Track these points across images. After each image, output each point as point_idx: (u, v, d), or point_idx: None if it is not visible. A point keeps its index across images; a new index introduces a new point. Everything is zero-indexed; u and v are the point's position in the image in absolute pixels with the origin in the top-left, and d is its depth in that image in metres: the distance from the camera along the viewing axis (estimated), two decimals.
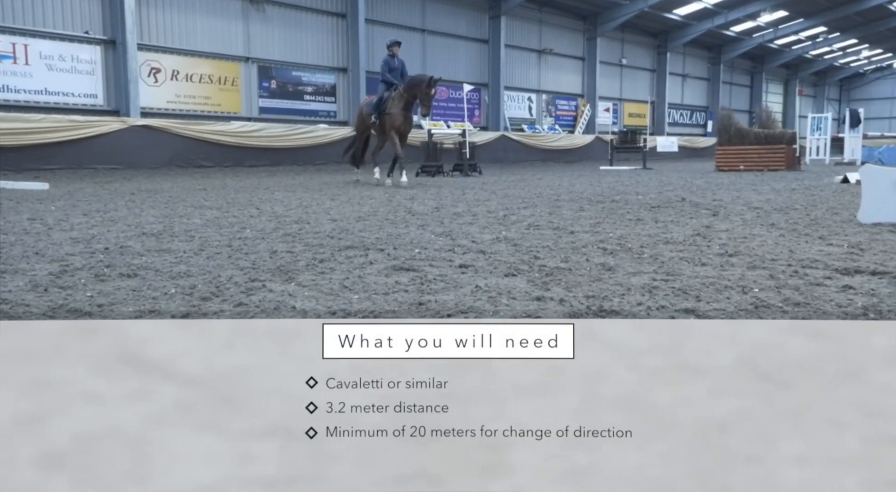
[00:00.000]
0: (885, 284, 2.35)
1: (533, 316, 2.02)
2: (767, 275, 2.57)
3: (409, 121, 9.06)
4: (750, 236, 3.68)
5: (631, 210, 5.34)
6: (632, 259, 3.00)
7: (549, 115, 25.15)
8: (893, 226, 3.94)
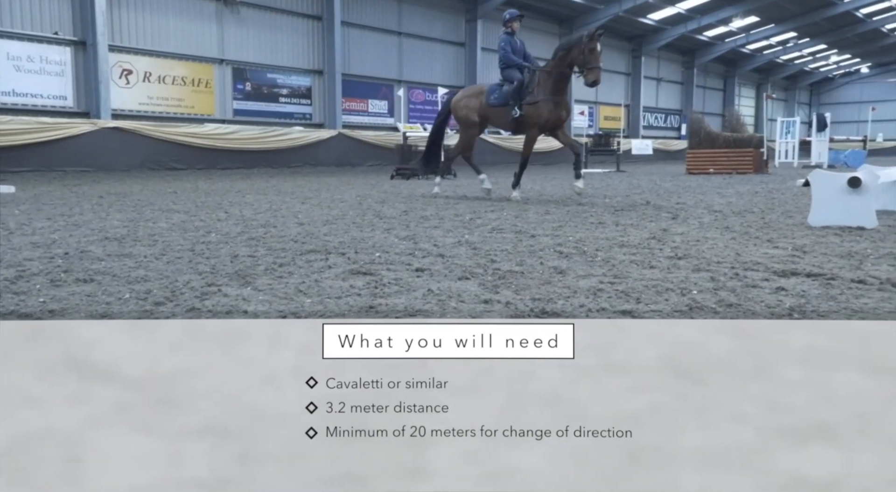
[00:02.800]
0: (816, 286, 2.46)
1: (477, 317, 2.10)
2: (709, 277, 2.68)
3: (566, 108, 6.99)
4: (702, 239, 3.80)
5: (595, 213, 5.46)
6: (585, 262, 3.09)
7: None
8: (840, 229, 4.09)
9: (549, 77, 6.76)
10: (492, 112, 7.22)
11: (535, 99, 6.76)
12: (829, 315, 2.05)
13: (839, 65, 40.78)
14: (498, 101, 7.09)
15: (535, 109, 6.77)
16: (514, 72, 6.99)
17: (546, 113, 6.76)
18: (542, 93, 6.74)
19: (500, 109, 7.08)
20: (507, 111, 6.98)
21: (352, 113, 19.73)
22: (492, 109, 7.18)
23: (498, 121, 7.37)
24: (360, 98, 20.03)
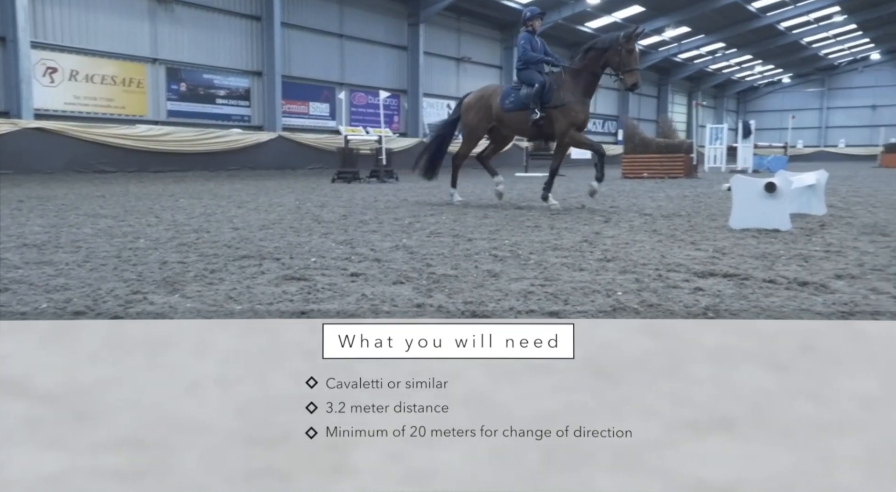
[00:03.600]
0: (731, 286, 2.61)
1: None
2: (634, 279, 2.79)
3: (588, 111, 6.49)
4: (631, 242, 3.95)
5: (532, 217, 5.57)
6: (518, 265, 3.16)
7: None
8: (758, 231, 4.33)
9: (577, 77, 6.25)
10: (506, 117, 6.56)
11: (563, 101, 6.21)
12: (740, 314, 2.18)
13: (763, 75, 43.00)
14: (514, 106, 6.47)
15: (565, 111, 6.22)
16: (534, 74, 6.41)
17: (580, 114, 6.26)
18: (570, 94, 6.22)
19: (515, 114, 6.46)
20: (524, 115, 6.35)
21: (292, 115, 19.44)
22: (506, 115, 6.54)
23: (513, 127, 6.68)
24: (300, 100, 19.76)
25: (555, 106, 6.22)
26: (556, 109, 6.22)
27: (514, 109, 6.45)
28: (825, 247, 3.61)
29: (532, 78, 6.39)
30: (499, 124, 6.71)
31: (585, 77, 6.23)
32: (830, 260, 3.18)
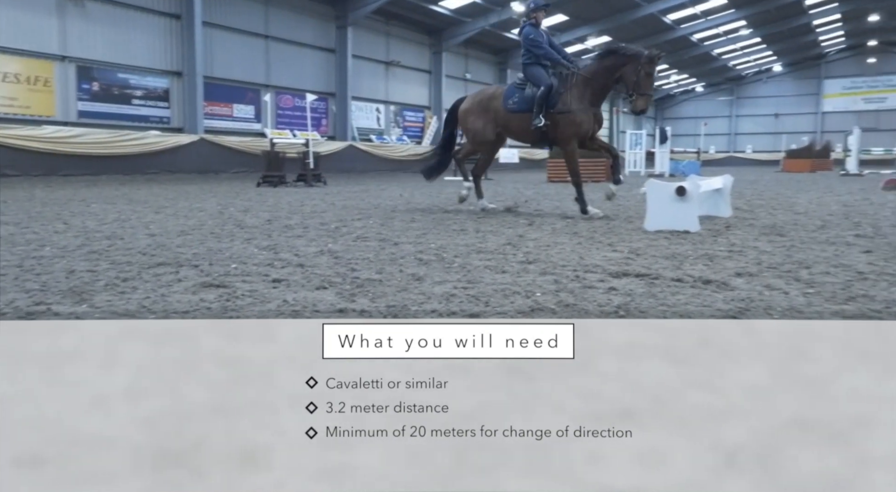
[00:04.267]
0: (642, 285, 2.74)
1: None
2: (553, 280, 2.89)
3: (600, 121, 6.02)
4: (553, 244, 4.08)
5: (459, 221, 5.65)
6: (442, 269, 3.20)
7: (398, 126, 25.61)
8: (670, 233, 4.57)
9: (587, 83, 5.80)
10: (510, 120, 6.06)
11: (569, 107, 5.77)
12: (649, 312, 2.30)
13: (679, 84, 45.23)
14: (518, 107, 5.96)
15: (570, 119, 5.77)
16: (542, 73, 5.92)
17: (585, 125, 5.80)
18: (578, 101, 5.78)
19: (520, 116, 5.98)
20: (529, 118, 5.88)
21: (215, 117, 18.83)
22: (510, 116, 6.04)
23: (516, 130, 6.16)
24: (224, 102, 19.17)
25: (560, 112, 5.79)
26: (561, 116, 5.80)
27: (519, 111, 5.98)
28: (729, 247, 3.85)
29: (539, 77, 5.91)
30: (500, 127, 6.22)
31: (596, 84, 5.81)
32: (732, 259, 3.40)
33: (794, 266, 3.16)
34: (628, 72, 5.67)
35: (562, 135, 5.88)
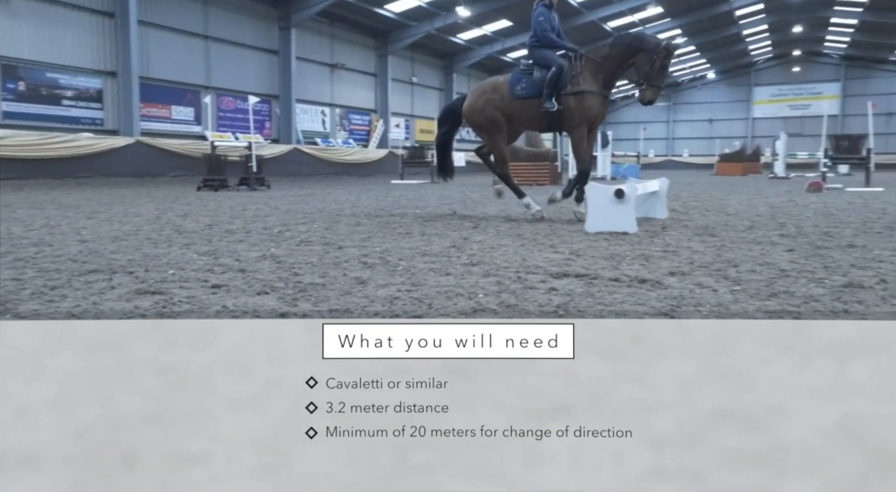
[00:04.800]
0: (581, 285, 2.82)
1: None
2: (496, 281, 2.93)
3: (607, 106, 5.89)
4: (497, 247, 4.14)
5: (404, 224, 5.66)
6: (387, 272, 3.21)
7: (343, 129, 25.40)
8: (610, 234, 4.71)
9: (598, 68, 5.60)
10: (517, 107, 5.80)
11: (581, 89, 5.53)
12: (586, 311, 2.37)
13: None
14: (526, 92, 5.71)
15: (582, 102, 5.54)
16: (551, 54, 5.70)
17: (596, 107, 5.60)
18: (589, 83, 5.56)
19: (528, 103, 5.73)
20: (537, 104, 5.64)
21: (152, 119, 18.22)
22: (517, 103, 5.78)
23: (524, 117, 5.89)
24: (162, 103, 18.58)
25: (572, 93, 5.56)
26: (573, 97, 5.57)
27: (527, 97, 5.70)
28: (664, 247, 4.00)
29: (548, 59, 5.67)
30: (507, 118, 5.94)
31: (607, 69, 5.61)
32: (667, 259, 3.53)
33: (724, 265, 3.31)
34: (642, 61, 5.48)
35: (572, 119, 5.62)
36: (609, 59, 5.62)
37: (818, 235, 4.64)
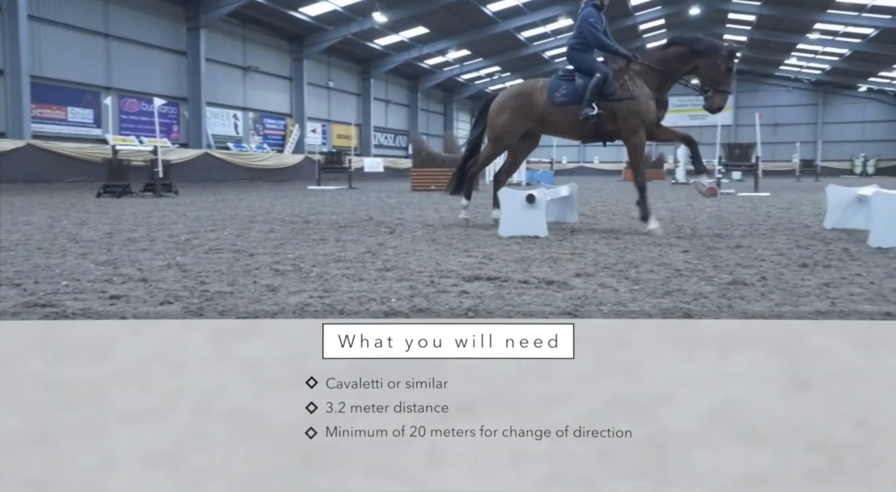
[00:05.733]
0: (491, 288, 2.90)
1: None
2: (409, 286, 2.96)
3: (665, 106, 5.43)
4: (412, 252, 4.17)
5: (319, 230, 5.58)
6: (299, 279, 3.16)
7: (257, 134, 24.70)
8: (522, 238, 4.85)
9: (651, 73, 5.28)
10: (555, 113, 5.45)
11: (633, 94, 5.22)
12: (496, 312, 2.44)
13: None
14: (567, 99, 5.37)
15: (633, 107, 5.21)
16: (595, 60, 5.45)
17: (650, 112, 5.23)
18: (642, 87, 5.25)
19: (567, 109, 5.39)
20: (577, 110, 5.31)
21: (46, 121, 17.01)
22: (556, 110, 5.43)
23: (561, 123, 5.53)
24: (56, 105, 17.39)
25: (620, 99, 5.23)
26: (622, 103, 5.22)
27: (568, 104, 5.37)
28: (572, 250, 4.17)
29: (592, 65, 5.39)
30: (541, 124, 5.61)
31: (662, 74, 5.28)
32: (574, 261, 3.68)
33: (625, 266, 3.49)
34: (705, 65, 5.15)
35: (625, 125, 5.27)
36: (665, 63, 5.29)
37: (711, 236, 4.98)
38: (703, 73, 5.21)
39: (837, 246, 4.26)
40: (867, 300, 2.55)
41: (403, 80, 35.31)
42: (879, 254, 3.87)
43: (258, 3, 21.58)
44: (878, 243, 4.11)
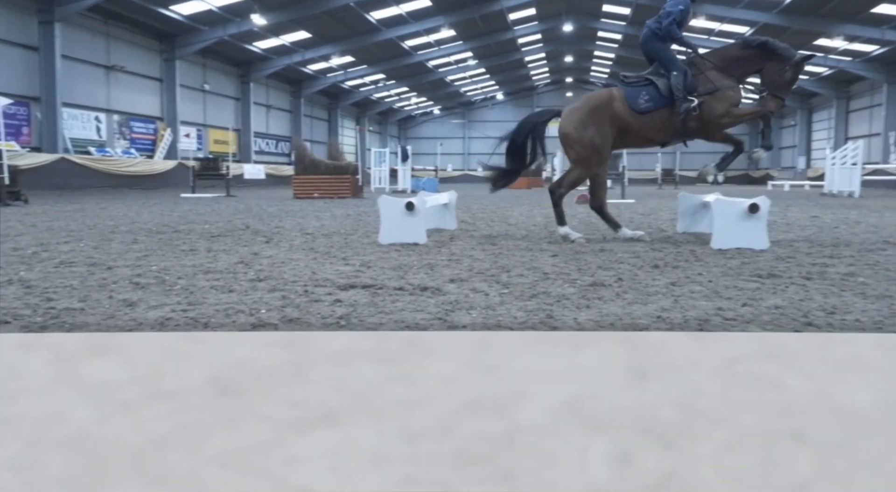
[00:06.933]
0: (366, 296, 2.90)
1: None
2: (281, 296, 2.89)
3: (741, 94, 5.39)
4: (288, 261, 4.07)
5: (189, 240, 5.30)
6: (162, 292, 2.98)
7: (124, 138, 22.99)
8: (401, 245, 4.88)
9: (724, 71, 5.27)
10: (640, 121, 5.31)
11: (716, 86, 5.17)
12: (367, 320, 2.44)
13: (419, 105, 48.52)
14: (653, 104, 5.24)
15: (719, 95, 5.18)
16: (671, 53, 5.33)
17: (739, 96, 5.24)
18: (721, 80, 5.21)
19: (654, 115, 5.28)
20: (666, 114, 5.24)
21: None
22: (640, 118, 5.29)
23: (648, 129, 5.36)
24: None
25: (706, 92, 5.19)
26: (709, 96, 5.20)
27: (654, 109, 5.26)
28: (449, 256, 4.26)
29: (673, 60, 5.30)
30: (621, 134, 5.42)
31: (732, 73, 5.28)
32: (450, 267, 3.77)
33: (498, 270, 3.63)
34: (771, 69, 5.20)
35: (716, 110, 5.20)
36: (736, 63, 5.30)
37: (579, 241, 5.28)
38: (767, 75, 5.23)
39: (686, 248, 4.69)
40: (704, 297, 2.83)
41: (286, 85, 34.39)
42: (719, 255, 4.30)
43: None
44: (718, 245, 4.57)
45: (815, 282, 3.23)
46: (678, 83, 5.19)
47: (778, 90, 5.23)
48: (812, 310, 2.56)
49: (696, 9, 8.23)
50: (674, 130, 5.36)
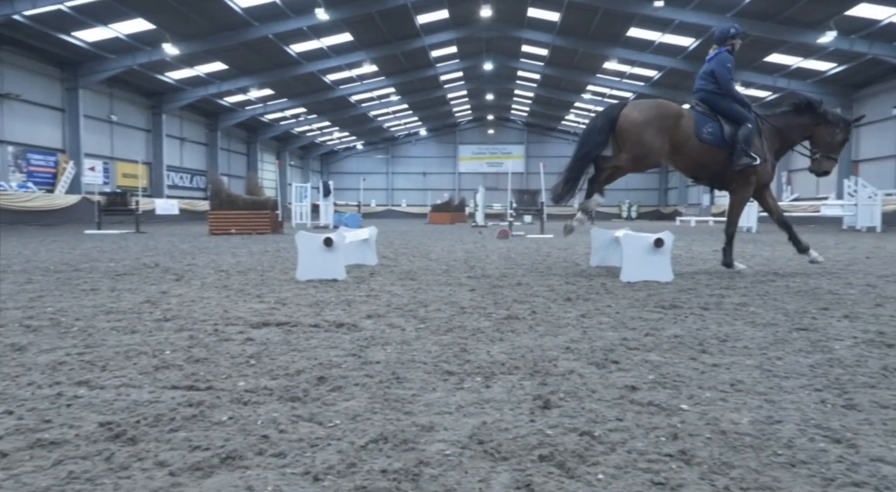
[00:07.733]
0: (279, 333, 2.83)
1: None
2: (189, 336, 2.77)
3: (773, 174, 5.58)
4: (199, 299, 3.92)
5: (92, 279, 5.00)
6: (56, 335, 2.80)
7: (20, 171, 21.55)
8: (320, 282, 4.81)
9: (776, 135, 5.49)
10: (695, 148, 5.32)
11: (763, 156, 5.39)
12: (278, 359, 2.39)
13: (341, 140, 48.44)
14: (714, 140, 5.31)
15: (762, 166, 5.39)
16: (742, 109, 5.40)
17: (768, 175, 5.45)
18: (764, 151, 5.41)
19: (709, 149, 5.32)
20: (720, 154, 5.31)
21: None
22: (697, 145, 5.31)
23: (697, 160, 5.38)
24: None
25: (762, 157, 5.40)
26: (764, 161, 5.43)
27: (713, 144, 5.33)
28: (368, 292, 4.24)
29: (741, 114, 5.38)
30: (672, 151, 5.36)
31: (786, 137, 5.54)
32: (368, 303, 3.75)
33: (416, 306, 3.64)
34: (823, 133, 5.50)
35: (742, 178, 5.43)
36: (790, 129, 5.55)
37: (497, 276, 5.40)
38: (819, 138, 5.52)
39: (597, 282, 4.89)
40: (611, 328, 2.95)
41: (201, 118, 33.49)
42: (627, 287, 4.52)
43: (17, 22, 19.08)
44: (627, 278, 4.80)
45: (711, 312, 3.45)
46: (745, 136, 5.30)
47: (832, 151, 5.54)
48: (707, 338, 2.73)
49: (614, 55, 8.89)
50: (715, 173, 5.47)
